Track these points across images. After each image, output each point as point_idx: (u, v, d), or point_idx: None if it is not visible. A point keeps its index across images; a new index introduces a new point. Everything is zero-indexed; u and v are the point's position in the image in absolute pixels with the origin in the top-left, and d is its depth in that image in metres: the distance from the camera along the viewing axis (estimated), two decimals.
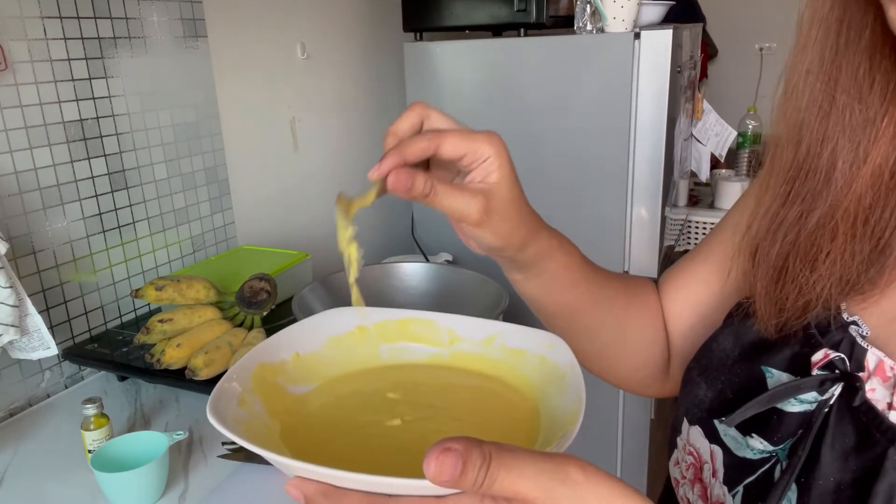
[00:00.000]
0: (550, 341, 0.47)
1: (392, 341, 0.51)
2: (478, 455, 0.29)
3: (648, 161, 1.61)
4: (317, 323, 0.51)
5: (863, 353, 0.40)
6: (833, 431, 0.39)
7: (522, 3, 1.65)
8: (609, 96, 1.59)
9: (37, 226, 1.10)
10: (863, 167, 0.41)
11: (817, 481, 0.39)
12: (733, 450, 0.45)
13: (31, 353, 1.01)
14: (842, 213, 0.42)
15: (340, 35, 1.81)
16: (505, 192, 0.47)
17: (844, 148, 0.42)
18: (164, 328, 1.07)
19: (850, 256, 0.42)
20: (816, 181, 0.43)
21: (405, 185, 0.43)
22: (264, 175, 1.60)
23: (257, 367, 0.45)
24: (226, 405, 0.40)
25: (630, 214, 1.66)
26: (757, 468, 0.43)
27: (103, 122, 1.19)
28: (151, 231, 1.31)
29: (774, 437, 0.42)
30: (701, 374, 0.50)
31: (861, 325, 0.42)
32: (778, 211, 0.46)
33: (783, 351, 0.45)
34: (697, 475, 0.49)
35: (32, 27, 1.06)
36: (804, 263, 0.44)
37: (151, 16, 1.26)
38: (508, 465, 0.29)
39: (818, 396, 0.41)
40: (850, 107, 0.41)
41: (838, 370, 0.41)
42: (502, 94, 1.72)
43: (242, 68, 1.50)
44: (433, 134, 0.45)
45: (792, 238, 0.45)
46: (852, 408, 0.39)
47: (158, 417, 1.06)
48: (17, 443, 1.01)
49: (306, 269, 1.39)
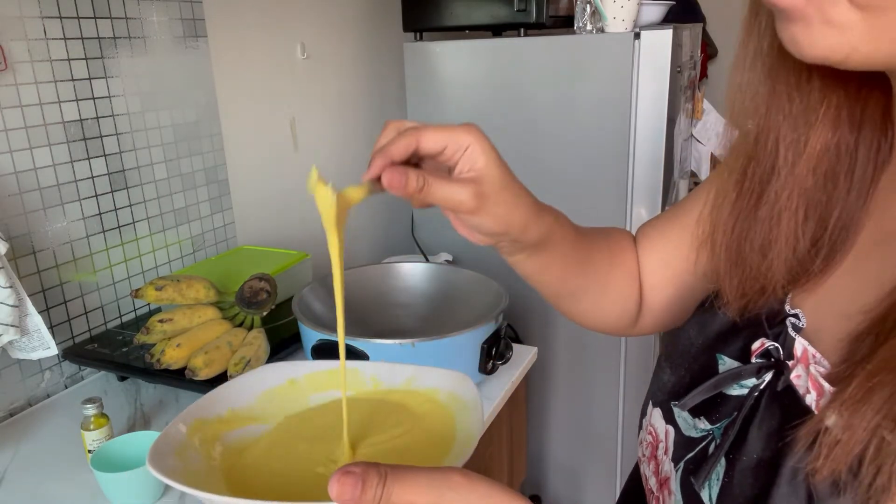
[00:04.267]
0: (462, 380, 0.52)
1: (322, 390, 0.55)
2: (374, 474, 0.33)
3: (648, 161, 1.61)
4: (250, 379, 0.54)
5: (792, 342, 0.43)
6: (761, 414, 0.42)
7: (522, 3, 1.65)
8: (609, 96, 1.59)
9: (37, 226, 1.10)
10: (803, 153, 0.43)
11: (742, 458, 0.42)
12: (683, 430, 0.48)
13: (31, 353, 1.01)
14: (786, 199, 0.44)
15: (340, 35, 1.81)
16: (494, 175, 0.48)
17: (787, 136, 0.44)
18: (164, 328, 1.07)
19: (797, 241, 0.44)
20: (764, 169, 0.45)
21: (400, 182, 0.45)
22: (264, 175, 1.60)
23: (194, 422, 0.48)
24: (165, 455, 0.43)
25: (630, 214, 1.66)
26: (696, 445, 0.46)
27: (103, 122, 1.19)
28: (151, 231, 1.31)
29: (714, 417, 0.46)
30: (667, 360, 0.53)
31: (801, 318, 0.44)
32: (734, 200, 0.48)
33: (737, 341, 0.47)
34: (654, 453, 0.52)
35: (32, 27, 1.06)
36: (756, 250, 0.46)
37: (151, 16, 1.26)
38: (402, 479, 0.34)
39: (755, 381, 0.44)
40: (790, 96, 0.43)
41: (773, 358, 0.44)
42: (502, 94, 1.72)
43: (242, 68, 1.50)
44: (412, 130, 0.47)
45: (745, 226, 0.47)
46: (777, 392, 0.42)
47: (158, 417, 1.06)
48: (17, 443, 1.01)
49: (306, 269, 1.39)
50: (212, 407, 0.50)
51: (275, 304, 1.17)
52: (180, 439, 0.46)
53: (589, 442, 1.88)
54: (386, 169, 0.43)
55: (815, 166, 0.43)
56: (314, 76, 1.73)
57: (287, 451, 0.49)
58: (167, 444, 0.44)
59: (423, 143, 0.47)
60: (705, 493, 0.44)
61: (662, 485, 0.50)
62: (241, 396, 0.52)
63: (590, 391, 1.82)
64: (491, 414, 1.08)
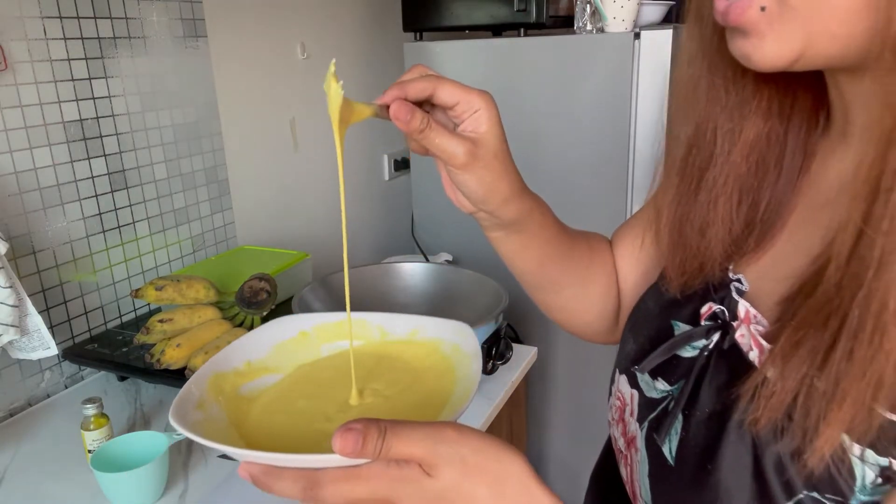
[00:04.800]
0: (462, 330, 0.55)
1: (331, 341, 0.58)
2: (374, 429, 0.37)
3: (648, 161, 1.61)
4: (263, 332, 0.57)
5: (735, 304, 0.47)
6: (711, 371, 0.46)
7: (522, 3, 1.65)
8: (609, 96, 1.59)
9: (37, 226, 1.10)
10: (738, 142, 0.47)
11: (696, 413, 0.46)
12: (645, 392, 0.52)
13: (31, 353, 1.01)
14: (722, 184, 0.48)
15: (340, 35, 1.81)
16: (492, 143, 0.51)
17: (723, 126, 0.48)
18: (164, 328, 1.07)
19: (731, 223, 0.48)
20: (703, 157, 0.49)
21: (405, 116, 0.48)
22: (264, 175, 1.60)
23: (213, 376, 0.50)
24: (185, 410, 0.45)
25: (630, 214, 1.66)
26: (657, 405, 0.50)
27: (103, 122, 1.19)
28: (151, 231, 1.31)
29: (672, 379, 0.50)
30: (630, 330, 0.57)
31: (743, 283, 0.48)
32: (676, 185, 0.52)
33: (688, 306, 0.51)
34: (621, 416, 0.56)
35: (32, 27, 1.06)
36: (695, 231, 0.50)
37: (151, 16, 1.26)
38: (399, 434, 0.38)
39: (705, 342, 0.48)
40: (727, 89, 0.47)
41: (720, 320, 0.47)
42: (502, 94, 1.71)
43: (242, 68, 1.50)
44: (433, 77, 0.50)
45: (686, 209, 0.51)
46: (724, 351, 0.46)
47: (158, 417, 1.06)
48: (17, 443, 1.01)
49: (306, 268, 1.39)
50: (228, 361, 0.53)
51: (275, 304, 1.17)
52: (200, 393, 0.48)
53: (589, 442, 1.88)
54: (397, 101, 0.45)
55: (748, 154, 0.47)
56: (314, 76, 1.73)
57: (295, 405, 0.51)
58: (189, 399, 0.46)
59: (439, 93, 0.50)
60: (666, 448, 0.48)
61: (630, 444, 0.54)
62: (256, 349, 0.55)
63: (590, 391, 1.82)
64: (491, 414, 1.08)
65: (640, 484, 0.52)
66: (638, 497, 0.53)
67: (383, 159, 2.05)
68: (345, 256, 0.51)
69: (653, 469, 0.49)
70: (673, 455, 0.47)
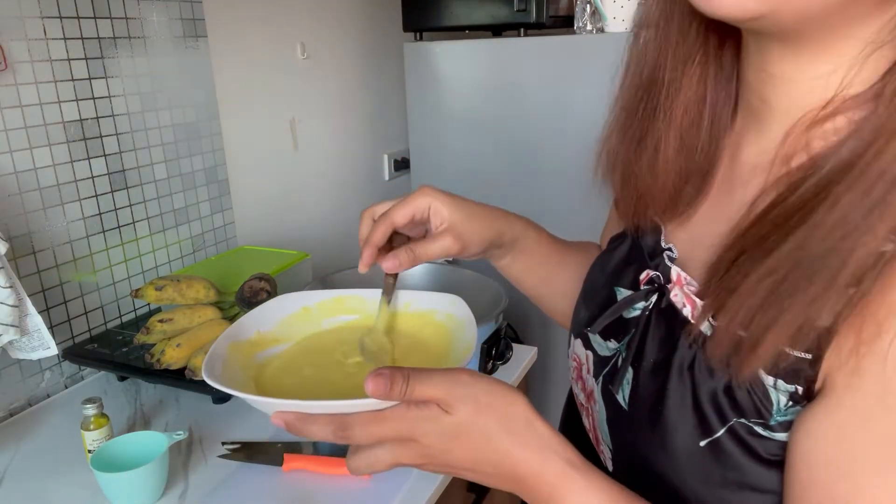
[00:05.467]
0: (453, 301, 0.62)
1: (331, 315, 0.65)
2: (399, 375, 0.43)
3: None
4: (271, 306, 0.64)
5: (668, 270, 0.53)
6: (652, 327, 0.53)
7: (522, 3, 1.65)
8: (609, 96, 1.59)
9: (37, 226, 1.10)
10: (679, 94, 0.52)
11: (643, 363, 0.52)
12: (598, 351, 0.59)
13: (31, 353, 1.01)
14: (666, 130, 0.53)
15: (340, 35, 1.81)
16: (460, 216, 0.61)
17: (670, 76, 0.52)
18: (164, 328, 1.07)
19: (673, 168, 0.54)
20: (652, 103, 0.54)
21: (393, 265, 0.59)
22: (264, 175, 1.60)
23: (231, 344, 0.57)
24: (215, 368, 0.52)
25: None
26: (609, 361, 0.57)
27: (103, 122, 1.19)
28: (151, 231, 1.31)
29: (620, 337, 0.56)
30: (582, 299, 0.64)
31: (673, 251, 0.54)
32: (628, 126, 0.57)
33: (628, 273, 0.58)
34: (579, 374, 0.63)
35: (32, 27, 1.06)
36: (644, 172, 0.55)
37: (151, 16, 1.26)
38: (420, 378, 0.44)
39: (644, 304, 0.54)
40: (678, 41, 0.51)
41: (656, 284, 0.54)
42: (502, 94, 1.72)
43: (242, 68, 1.50)
44: (383, 217, 0.60)
45: (636, 152, 0.56)
46: (661, 309, 0.52)
47: (158, 417, 1.06)
48: (17, 443, 1.01)
49: (306, 269, 1.39)
50: (242, 331, 0.60)
51: None
52: (224, 356, 0.55)
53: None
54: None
55: (686, 107, 0.52)
56: (314, 76, 1.73)
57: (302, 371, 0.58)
58: (216, 360, 0.53)
59: (396, 222, 0.60)
60: (620, 396, 0.55)
61: (589, 397, 0.61)
62: (265, 321, 0.62)
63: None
64: None
65: (601, 430, 0.59)
66: (601, 441, 0.60)
67: (383, 159, 2.05)
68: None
69: (610, 416, 0.57)
70: (626, 402, 0.54)
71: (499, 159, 1.76)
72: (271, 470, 0.90)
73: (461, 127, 1.80)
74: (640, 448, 0.52)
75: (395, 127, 2.07)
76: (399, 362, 0.56)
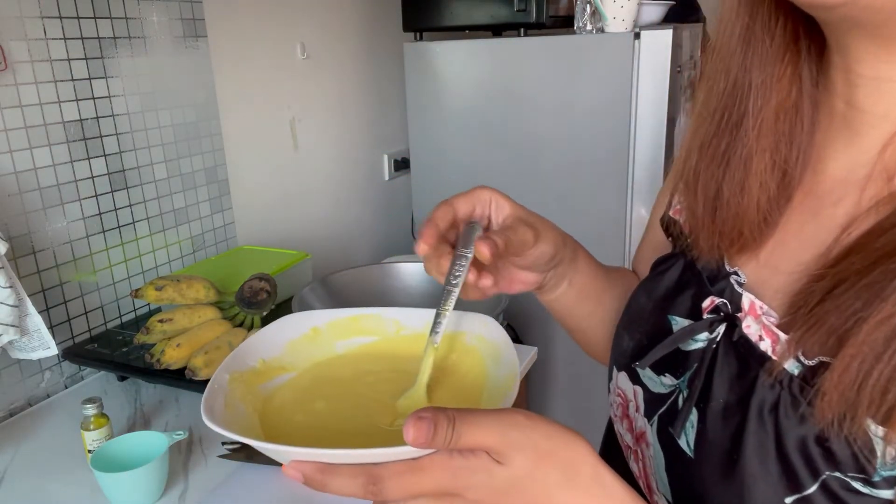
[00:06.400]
0: (485, 322, 0.54)
1: (345, 337, 0.57)
2: (444, 418, 0.36)
3: (648, 161, 1.61)
4: (275, 330, 0.56)
5: (739, 297, 0.47)
6: (720, 362, 0.46)
7: (522, 3, 1.65)
8: (609, 96, 1.59)
9: (37, 226, 1.10)
10: (770, 101, 0.46)
11: (710, 404, 0.46)
12: (650, 388, 0.52)
13: (31, 353, 1.01)
14: (755, 143, 0.47)
15: (340, 35, 1.81)
16: (522, 212, 0.55)
17: (758, 81, 0.46)
18: (164, 328, 1.07)
19: (766, 185, 0.47)
20: (737, 114, 0.47)
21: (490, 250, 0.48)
22: (264, 175, 1.60)
23: (231, 377, 0.49)
24: (215, 408, 0.44)
25: (630, 214, 1.66)
26: (666, 400, 0.50)
27: (103, 122, 1.19)
28: (151, 231, 1.31)
29: (678, 372, 0.50)
30: (624, 328, 0.57)
31: (740, 275, 0.48)
32: (710, 142, 0.50)
33: (684, 301, 0.52)
34: (625, 412, 0.56)
35: (32, 27, 1.06)
36: (733, 193, 0.48)
37: (151, 16, 1.26)
38: (469, 422, 0.36)
39: (709, 335, 0.48)
40: (763, 41, 0.45)
41: (722, 313, 0.48)
42: (502, 94, 1.72)
43: (242, 68, 1.50)
44: (444, 202, 0.53)
45: (721, 171, 0.49)
46: (733, 342, 0.46)
47: (158, 417, 1.06)
48: (17, 443, 1.01)
49: (306, 268, 1.39)
50: (244, 359, 0.52)
51: (275, 304, 1.17)
52: (224, 391, 0.47)
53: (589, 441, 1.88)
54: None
55: (777, 116, 0.46)
56: (314, 76, 1.73)
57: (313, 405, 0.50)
58: (216, 396, 0.46)
59: (458, 209, 0.53)
60: (683, 441, 0.48)
61: (639, 439, 0.54)
62: (269, 346, 0.54)
63: (589, 391, 1.82)
64: None
65: (657, 478, 0.51)
66: (654, 491, 0.52)
67: (383, 159, 2.05)
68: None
69: (670, 463, 0.49)
70: (692, 448, 0.47)
71: (499, 159, 1.76)
72: (271, 470, 0.90)
73: (461, 127, 1.80)
74: (709, 502, 0.46)
75: (395, 127, 2.07)
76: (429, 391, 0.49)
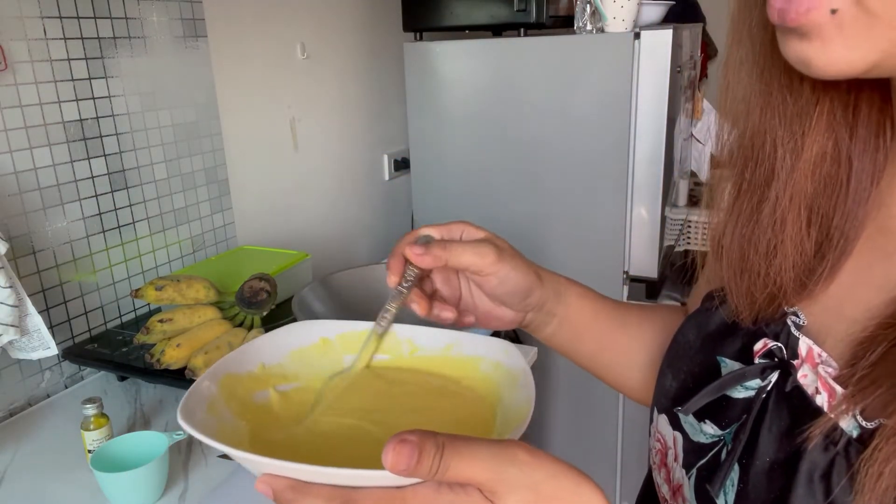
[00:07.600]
0: (505, 348, 0.50)
1: (355, 352, 0.53)
2: (432, 444, 0.31)
3: (648, 161, 1.61)
4: (283, 336, 0.53)
5: (796, 341, 0.42)
6: (770, 415, 0.41)
7: (522, 3, 1.65)
8: (609, 96, 1.59)
9: (37, 226, 1.10)
10: (801, 156, 0.42)
11: (755, 461, 0.41)
12: (690, 435, 0.47)
13: (31, 353, 1.01)
14: (787, 202, 0.42)
15: (340, 35, 1.81)
16: (499, 240, 0.54)
17: (783, 138, 0.42)
18: (164, 328, 1.07)
19: (802, 246, 0.43)
20: (763, 171, 0.43)
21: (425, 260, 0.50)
22: (264, 175, 1.60)
23: (224, 377, 0.46)
24: (195, 410, 0.42)
25: (630, 214, 1.66)
26: (707, 451, 0.45)
27: (103, 122, 1.19)
28: (151, 231, 1.31)
29: (723, 422, 0.44)
30: (669, 365, 0.52)
31: (799, 316, 0.43)
32: (733, 203, 0.46)
33: (735, 341, 0.46)
34: (663, 460, 0.51)
35: (32, 27, 1.06)
36: (761, 256, 0.44)
37: (151, 16, 1.26)
38: (461, 452, 0.32)
39: (759, 383, 0.42)
40: (783, 97, 0.41)
41: (777, 358, 0.43)
42: (502, 94, 1.72)
43: (242, 68, 1.50)
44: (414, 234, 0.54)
45: (748, 231, 0.45)
46: (786, 393, 0.41)
47: (158, 417, 1.06)
48: (17, 443, 1.01)
49: (306, 268, 1.39)
50: (243, 362, 0.49)
51: (275, 304, 1.17)
52: (211, 394, 0.44)
53: (589, 442, 1.88)
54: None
55: (812, 171, 0.42)
56: (314, 76, 1.73)
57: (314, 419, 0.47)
58: (198, 399, 0.43)
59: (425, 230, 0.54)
60: (721, 500, 0.43)
61: (675, 492, 0.49)
62: (272, 353, 0.51)
63: (590, 391, 1.82)
64: None
65: None
66: None
67: (383, 159, 2.05)
68: None
69: None
70: None
71: (498, 159, 1.76)
72: None
73: (461, 127, 1.80)
74: None
75: (394, 127, 2.07)
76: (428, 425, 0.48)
